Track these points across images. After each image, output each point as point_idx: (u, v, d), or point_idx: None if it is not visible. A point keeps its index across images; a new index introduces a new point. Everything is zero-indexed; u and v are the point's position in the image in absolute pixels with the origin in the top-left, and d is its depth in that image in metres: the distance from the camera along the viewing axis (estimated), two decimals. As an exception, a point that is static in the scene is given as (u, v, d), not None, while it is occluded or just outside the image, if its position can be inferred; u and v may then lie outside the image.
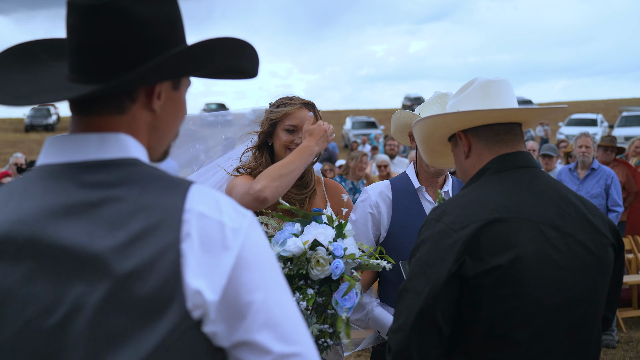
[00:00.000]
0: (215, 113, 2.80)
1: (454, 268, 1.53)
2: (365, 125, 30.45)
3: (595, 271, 1.64)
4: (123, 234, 0.96)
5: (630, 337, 6.01)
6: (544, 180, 1.69)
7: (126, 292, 0.94)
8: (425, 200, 2.49)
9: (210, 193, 1.04)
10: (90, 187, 1.00)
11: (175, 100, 1.12)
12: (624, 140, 20.72)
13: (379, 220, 2.47)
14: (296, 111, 2.46)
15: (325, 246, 2.10)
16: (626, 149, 9.32)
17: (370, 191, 2.51)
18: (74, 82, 1.05)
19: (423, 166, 2.48)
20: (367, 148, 15.83)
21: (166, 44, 1.05)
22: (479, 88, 1.73)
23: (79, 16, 1.02)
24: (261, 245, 1.04)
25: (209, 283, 0.97)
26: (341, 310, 2.08)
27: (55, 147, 1.05)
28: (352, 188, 7.68)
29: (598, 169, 6.20)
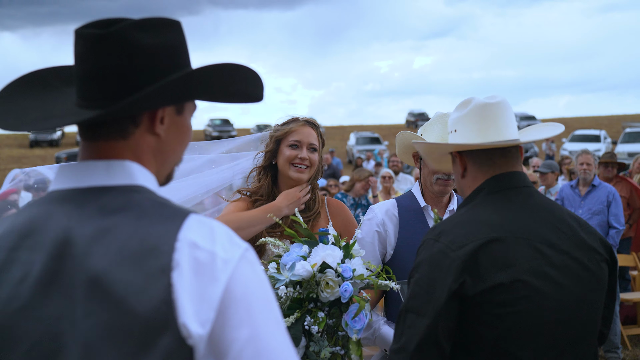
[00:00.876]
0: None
1: (454, 287, 1.56)
2: (369, 141, 30.55)
3: (591, 287, 1.68)
4: (117, 258, 0.99)
5: (635, 354, 5.97)
6: (538, 199, 1.73)
7: (120, 316, 0.96)
8: (430, 219, 2.52)
9: (207, 223, 1.04)
10: (90, 213, 1.03)
11: (179, 124, 1.15)
12: (627, 156, 20.72)
13: (386, 238, 2.49)
14: (299, 127, 2.52)
15: (334, 268, 2.10)
16: (630, 165, 9.33)
17: (377, 210, 2.54)
18: (81, 107, 1.09)
19: (428, 185, 2.52)
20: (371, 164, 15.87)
21: (169, 70, 1.08)
22: (476, 111, 1.76)
23: (84, 45, 1.07)
24: (253, 278, 1.03)
25: (198, 315, 0.97)
26: (351, 332, 2.09)
27: (66, 174, 1.10)
28: (353, 204, 7.71)
29: (599, 186, 6.21)
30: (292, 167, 2.48)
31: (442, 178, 2.46)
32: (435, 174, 2.46)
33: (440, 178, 2.46)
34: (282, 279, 2.09)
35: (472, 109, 1.76)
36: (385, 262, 2.52)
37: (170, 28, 1.09)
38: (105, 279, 0.98)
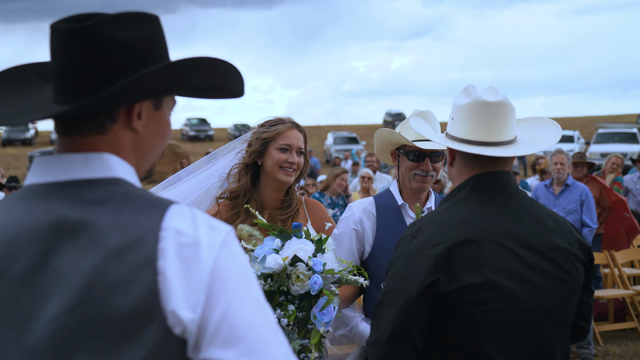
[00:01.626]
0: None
1: (426, 283, 1.59)
2: (346, 140, 30.63)
3: (565, 287, 1.71)
4: (101, 250, 0.99)
5: (607, 350, 6.10)
6: (518, 200, 1.75)
7: (105, 309, 0.96)
8: (408, 217, 2.54)
9: (188, 211, 1.05)
10: (71, 206, 1.02)
11: (158, 119, 1.14)
12: (599, 156, 21.10)
13: (363, 236, 2.51)
14: (289, 131, 2.54)
15: (305, 262, 2.13)
16: (602, 165, 9.53)
17: (355, 207, 2.55)
18: (57, 102, 1.08)
19: (406, 183, 2.53)
20: (348, 164, 15.90)
21: (146, 64, 1.07)
22: (473, 106, 1.75)
23: (60, 39, 1.06)
24: (235, 260, 1.03)
25: (188, 300, 0.98)
26: (319, 324, 2.11)
27: (42, 167, 1.08)
28: (330, 203, 7.74)
29: (572, 185, 6.33)
30: (281, 170, 2.50)
31: (420, 174, 2.47)
32: (413, 170, 2.48)
33: (418, 174, 2.47)
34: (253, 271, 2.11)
35: (470, 104, 1.76)
36: (363, 260, 2.53)
37: (148, 22, 1.08)
38: (90, 273, 0.97)
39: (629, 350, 6.10)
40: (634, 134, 24.68)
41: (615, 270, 6.84)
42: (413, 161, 2.47)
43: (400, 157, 2.53)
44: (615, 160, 9.20)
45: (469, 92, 1.79)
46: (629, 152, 18.43)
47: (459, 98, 1.80)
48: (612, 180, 8.71)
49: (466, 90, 1.81)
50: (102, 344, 0.96)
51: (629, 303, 6.68)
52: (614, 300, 6.80)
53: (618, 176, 8.94)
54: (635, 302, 6.72)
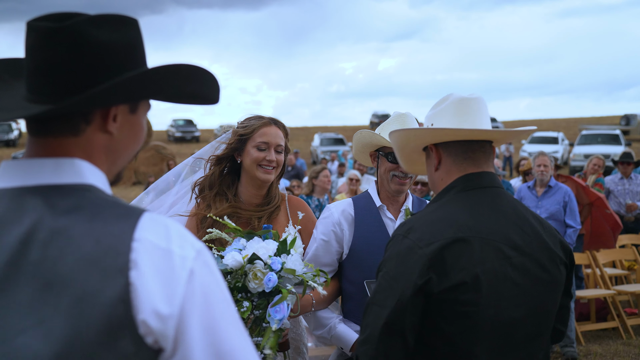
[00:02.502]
0: None
1: (419, 282, 1.59)
2: (333, 142, 30.66)
3: (549, 288, 1.73)
4: (72, 260, 0.97)
5: (588, 350, 6.17)
6: (505, 200, 1.77)
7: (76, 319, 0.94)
8: (386, 218, 2.55)
9: (161, 221, 1.04)
10: (42, 213, 1.00)
11: (133, 123, 1.13)
12: (583, 157, 21.33)
13: (342, 237, 2.51)
14: (266, 128, 2.50)
15: (264, 260, 2.13)
16: (584, 166, 9.63)
17: (333, 209, 2.56)
18: (30, 102, 1.06)
19: (384, 185, 2.54)
20: (335, 165, 15.92)
21: (124, 68, 1.06)
22: (454, 104, 1.79)
23: (37, 38, 1.04)
24: (210, 277, 1.03)
25: (159, 311, 0.97)
26: (272, 321, 2.11)
27: (11, 171, 1.06)
28: (318, 205, 7.71)
29: (555, 187, 6.39)
30: (260, 168, 2.48)
31: (399, 176, 2.48)
32: (391, 171, 2.49)
33: (397, 176, 2.48)
34: None
35: (449, 104, 1.79)
36: (341, 261, 2.54)
37: (127, 25, 1.07)
38: (61, 282, 0.96)
39: (610, 350, 6.17)
40: (616, 136, 24.97)
41: (597, 271, 6.92)
42: (392, 162, 2.48)
43: (379, 159, 2.55)
44: (596, 161, 9.30)
45: (442, 100, 1.83)
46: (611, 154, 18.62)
47: (434, 108, 1.84)
48: (593, 181, 8.80)
49: (438, 101, 1.84)
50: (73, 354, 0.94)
51: (610, 303, 6.76)
52: (595, 300, 6.87)
53: (599, 177, 9.05)
54: (617, 302, 6.80)
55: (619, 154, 9.14)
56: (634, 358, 5.92)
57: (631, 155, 8.79)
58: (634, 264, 7.74)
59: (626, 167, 8.59)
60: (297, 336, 2.58)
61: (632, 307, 7.38)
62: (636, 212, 8.57)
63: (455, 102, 1.78)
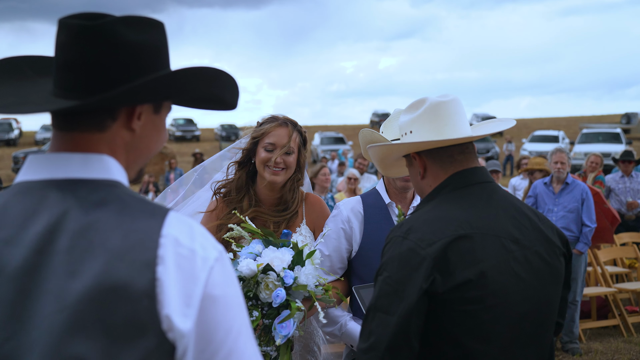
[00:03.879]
0: None
1: (425, 285, 1.56)
2: (333, 141, 30.68)
3: (551, 280, 1.73)
4: (101, 252, 0.99)
5: (589, 347, 6.18)
6: (501, 194, 1.75)
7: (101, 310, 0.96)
8: (395, 215, 2.55)
9: (186, 221, 1.06)
10: (71, 205, 1.02)
11: (156, 123, 1.15)
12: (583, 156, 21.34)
13: (351, 235, 2.52)
14: (274, 129, 2.52)
15: (277, 272, 2.13)
16: (583, 165, 9.64)
17: (342, 207, 2.56)
18: (58, 97, 1.08)
19: (391, 182, 2.55)
20: (335, 164, 15.93)
21: (149, 68, 1.09)
22: (430, 110, 1.76)
23: (69, 35, 1.06)
24: (228, 280, 1.05)
25: (181, 309, 0.99)
26: (277, 336, 2.11)
27: (37, 164, 1.08)
28: (320, 204, 7.72)
29: (572, 184, 6.36)
30: (267, 169, 2.49)
31: (394, 177, 2.48)
32: None
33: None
34: None
35: (426, 109, 1.76)
36: (350, 259, 2.55)
37: (154, 28, 1.10)
38: (88, 273, 0.97)
39: (611, 347, 6.19)
40: (617, 134, 24.98)
41: (597, 269, 6.93)
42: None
43: None
44: (594, 159, 9.31)
45: (417, 104, 1.80)
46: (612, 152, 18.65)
47: (407, 114, 1.80)
48: (593, 179, 8.82)
49: (409, 107, 1.81)
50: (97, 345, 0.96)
51: (611, 301, 6.78)
52: (596, 298, 6.89)
53: (599, 175, 9.06)
54: (618, 299, 6.82)
55: (620, 152, 9.14)
56: (635, 355, 5.94)
57: (632, 154, 8.80)
58: (634, 262, 7.76)
59: (627, 166, 8.60)
60: (307, 334, 2.57)
61: (632, 304, 7.40)
62: (637, 210, 8.58)
63: (432, 108, 1.76)
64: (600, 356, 5.96)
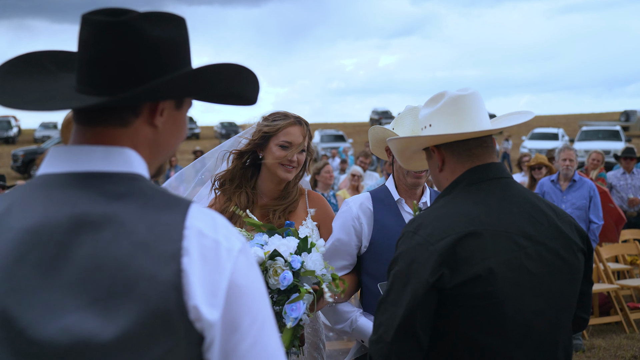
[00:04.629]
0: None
1: (432, 279, 1.58)
2: (333, 138, 30.67)
3: (567, 277, 1.72)
4: (126, 244, 0.99)
5: (592, 344, 6.20)
6: (516, 190, 1.75)
7: (129, 303, 0.96)
8: (404, 212, 2.56)
9: (208, 212, 1.07)
10: (94, 198, 1.03)
11: (177, 119, 1.16)
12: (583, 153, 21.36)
13: (361, 231, 2.52)
14: (290, 127, 2.51)
15: (285, 257, 2.14)
16: (585, 162, 9.66)
17: (351, 203, 2.57)
18: (82, 93, 1.08)
19: (401, 178, 2.55)
20: (336, 161, 15.93)
21: (172, 64, 1.10)
22: (450, 103, 1.77)
23: (92, 31, 1.07)
24: (252, 271, 1.06)
25: (208, 300, 0.99)
26: (288, 319, 2.12)
27: (60, 157, 1.08)
28: (322, 200, 7.72)
29: (579, 181, 6.38)
30: (281, 167, 2.50)
31: (415, 170, 2.48)
32: None
33: (413, 170, 2.48)
34: None
35: (445, 102, 1.77)
36: (360, 255, 2.55)
37: (176, 24, 1.11)
38: (114, 265, 0.98)
39: (613, 344, 6.20)
40: (617, 132, 24.98)
41: (600, 265, 6.95)
42: None
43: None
44: (595, 156, 9.32)
45: (437, 98, 1.81)
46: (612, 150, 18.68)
47: (427, 108, 1.81)
48: (595, 176, 8.83)
49: (431, 99, 1.82)
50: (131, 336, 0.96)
51: (613, 297, 6.79)
52: (599, 295, 6.90)
53: (602, 172, 9.07)
54: (620, 296, 6.84)
55: (619, 149, 9.17)
56: (637, 351, 5.96)
57: (633, 151, 8.83)
58: (636, 259, 7.77)
59: (629, 162, 8.62)
60: (314, 332, 2.59)
61: (634, 301, 7.41)
62: (638, 207, 8.60)
63: (450, 101, 1.76)
64: (604, 352, 5.98)
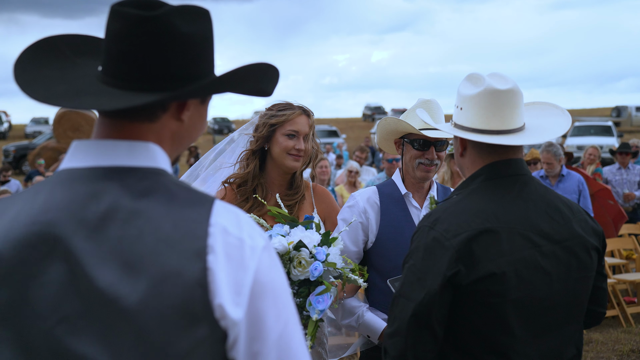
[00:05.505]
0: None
1: (448, 274, 1.58)
2: (327, 134, 30.67)
3: (580, 275, 1.72)
4: (151, 240, 0.98)
5: (590, 338, 6.23)
6: (534, 187, 1.74)
7: (154, 299, 0.95)
8: (411, 206, 2.54)
9: (232, 209, 1.07)
10: (119, 193, 1.01)
11: (201, 112, 1.16)
12: (576, 149, 21.48)
13: (367, 226, 2.50)
14: (297, 117, 2.51)
15: (309, 249, 2.13)
16: (581, 157, 9.70)
17: (358, 197, 2.54)
18: (109, 85, 1.07)
19: (410, 171, 2.52)
20: (331, 157, 15.92)
21: (203, 58, 1.10)
22: (484, 95, 1.73)
23: (125, 24, 1.05)
24: (276, 269, 1.05)
25: (233, 298, 0.99)
26: (313, 311, 2.11)
27: (83, 152, 1.07)
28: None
29: (567, 175, 6.41)
30: (289, 157, 2.49)
31: (425, 163, 2.47)
32: (417, 158, 2.48)
33: (422, 163, 2.47)
34: None
35: (481, 93, 1.74)
36: (367, 250, 2.53)
37: (204, 17, 1.11)
38: (140, 262, 0.97)
39: (611, 337, 6.24)
40: (609, 127, 25.13)
41: (596, 260, 6.98)
42: (418, 150, 2.46)
43: (404, 146, 2.53)
44: (592, 151, 9.37)
45: (476, 80, 1.76)
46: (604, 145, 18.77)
47: (465, 88, 1.77)
48: (592, 172, 8.87)
49: (472, 78, 1.77)
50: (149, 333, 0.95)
51: (610, 292, 6.82)
52: (595, 289, 6.93)
53: (598, 167, 9.12)
54: (617, 290, 6.87)
55: (612, 145, 9.24)
56: (635, 346, 5.99)
57: (629, 146, 8.86)
58: (632, 253, 7.81)
59: (624, 157, 8.65)
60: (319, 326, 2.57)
61: (630, 295, 7.45)
62: (634, 202, 8.64)
63: (486, 93, 1.72)
64: (601, 346, 6.01)
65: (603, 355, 5.81)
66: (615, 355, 5.79)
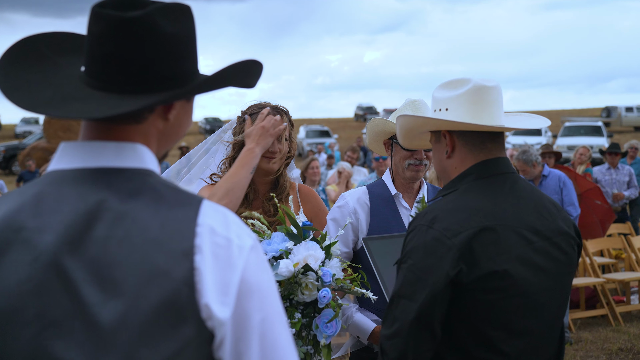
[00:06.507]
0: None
1: (452, 274, 1.58)
2: (319, 134, 30.70)
3: (567, 270, 1.76)
4: (139, 240, 0.98)
5: (579, 337, 6.27)
6: (522, 185, 1.77)
7: (141, 299, 0.95)
8: (401, 207, 2.54)
9: (220, 209, 1.06)
10: (106, 194, 1.01)
11: (187, 110, 1.16)
12: (566, 149, 21.61)
13: (357, 226, 2.50)
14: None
15: (315, 270, 2.09)
16: (571, 157, 9.76)
17: (348, 197, 2.54)
18: (94, 88, 1.06)
19: (399, 172, 2.53)
20: (322, 157, 15.92)
21: (185, 57, 1.09)
22: (473, 92, 1.75)
23: (107, 27, 1.04)
24: (263, 269, 1.05)
25: (220, 297, 0.98)
26: (321, 336, 2.09)
27: (70, 153, 1.06)
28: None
29: (549, 175, 6.44)
30: (263, 159, 2.44)
31: (414, 164, 2.47)
32: (407, 159, 2.48)
33: (412, 164, 2.47)
34: None
35: (469, 90, 1.75)
36: (356, 250, 2.53)
37: (186, 15, 1.09)
38: (126, 263, 0.97)
39: (600, 337, 6.28)
40: (599, 127, 25.29)
41: (586, 259, 7.03)
42: (407, 150, 2.46)
43: (393, 147, 2.53)
44: (582, 151, 9.42)
45: (460, 82, 1.78)
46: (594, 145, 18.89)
47: (445, 92, 1.78)
48: (582, 171, 8.93)
49: (450, 84, 1.79)
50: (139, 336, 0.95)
51: (599, 291, 6.87)
52: (585, 288, 6.98)
53: (588, 167, 9.18)
54: (606, 289, 6.92)
55: (601, 145, 9.30)
56: (624, 344, 6.04)
57: (618, 146, 8.94)
58: (621, 253, 7.88)
59: (614, 157, 8.72)
60: None
61: (619, 295, 7.51)
62: (622, 202, 8.71)
63: (475, 90, 1.74)
64: (590, 345, 6.05)
65: (592, 354, 5.85)
66: (604, 354, 5.83)
